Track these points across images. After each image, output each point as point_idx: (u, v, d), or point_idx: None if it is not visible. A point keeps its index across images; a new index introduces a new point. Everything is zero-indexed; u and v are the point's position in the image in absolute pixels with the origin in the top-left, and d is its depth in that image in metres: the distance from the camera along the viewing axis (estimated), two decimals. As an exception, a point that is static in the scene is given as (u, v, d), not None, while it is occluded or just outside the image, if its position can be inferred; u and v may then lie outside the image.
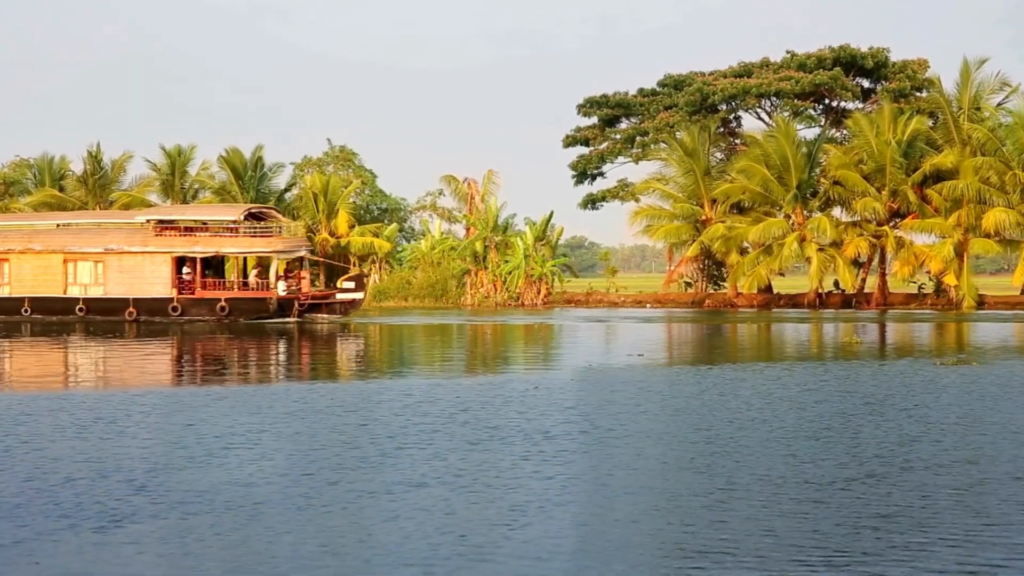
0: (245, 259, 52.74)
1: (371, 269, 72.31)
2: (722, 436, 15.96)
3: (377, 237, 72.64)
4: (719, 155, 71.10)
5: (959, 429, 16.62)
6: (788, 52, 70.46)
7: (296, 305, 50.12)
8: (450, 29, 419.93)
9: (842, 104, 69.72)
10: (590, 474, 13.40)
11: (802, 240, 60.99)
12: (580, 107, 74.27)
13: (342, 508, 11.53)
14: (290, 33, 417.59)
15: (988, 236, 58.06)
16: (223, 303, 49.61)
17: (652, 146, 70.91)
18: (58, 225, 54.02)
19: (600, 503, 11.83)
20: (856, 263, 63.24)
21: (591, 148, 74.69)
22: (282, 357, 33.21)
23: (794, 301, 64.73)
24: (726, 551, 9.88)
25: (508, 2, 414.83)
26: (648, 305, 66.54)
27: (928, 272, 61.05)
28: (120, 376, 27.50)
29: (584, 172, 75.07)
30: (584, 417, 18.00)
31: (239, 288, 51.43)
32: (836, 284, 63.69)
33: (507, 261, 68.99)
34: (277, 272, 50.89)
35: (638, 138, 72.34)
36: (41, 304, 50.39)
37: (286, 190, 75.51)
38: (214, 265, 52.15)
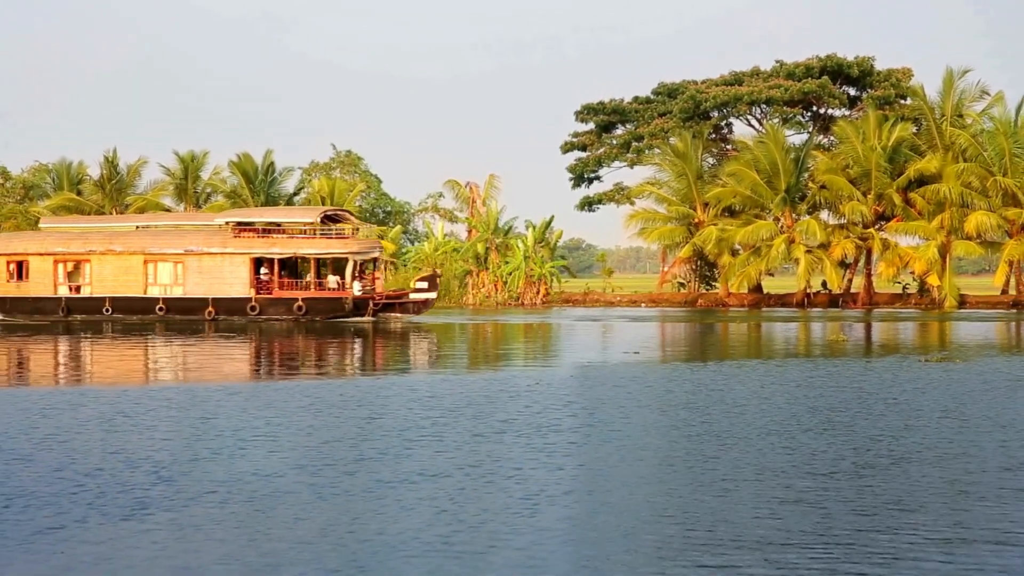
0: (318, 260, 51.92)
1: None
2: (719, 430, 16.06)
3: (382, 239, 72.77)
4: (711, 160, 71.27)
5: (950, 422, 16.72)
6: (777, 61, 70.69)
7: (371, 305, 49.70)
8: (452, 39, 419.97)
9: (829, 111, 69.92)
10: (594, 465, 13.51)
11: (791, 242, 61.16)
12: (578, 114, 74.44)
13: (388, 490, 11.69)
14: (298, 43, 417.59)
15: (970, 238, 58.27)
16: (300, 303, 49.19)
17: (647, 151, 71.04)
18: (137, 227, 53.61)
19: (603, 492, 11.95)
20: (843, 264, 63.41)
21: (588, 153, 74.86)
22: (356, 353, 33.32)
23: (783, 300, 64.92)
24: (725, 537, 10.01)
25: (509, 13, 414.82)
26: (643, 304, 66.62)
27: (912, 273, 61.24)
28: (217, 370, 27.76)
29: (581, 176, 75.25)
30: (584, 411, 18.11)
31: (316, 288, 50.75)
32: (823, 284, 63.81)
33: (507, 262, 69.10)
34: (353, 273, 50.27)
35: (633, 143, 72.46)
36: (122, 304, 49.99)
37: (295, 194, 75.61)
38: (289, 266, 51.54)
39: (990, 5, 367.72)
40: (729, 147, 71.55)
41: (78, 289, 51.20)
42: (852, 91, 70.23)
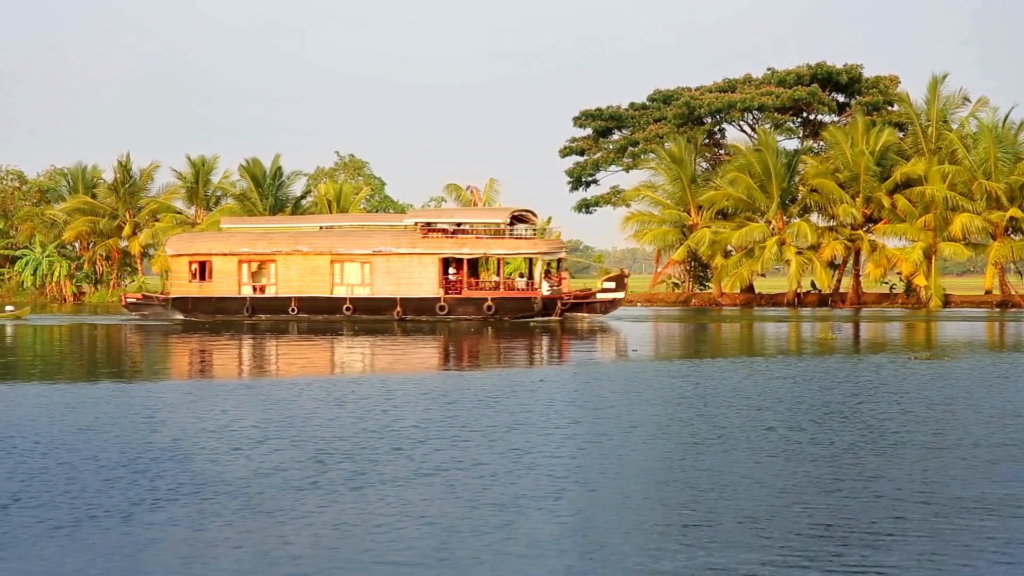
0: (500, 259, 51.32)
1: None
2: (720, 424, 15.99)
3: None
4: (704, 164, 71.36)
5: (949, 416, 16.67)
6: (769, 69, 70.74)
7: (559, 305, 48.49)
8: (454, 48, 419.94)
9: (819, 117, 69.99)
10: (600, 458, 13.45)
11: (782, 244, 61.17)
12: (576, 119, 74.50)
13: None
14: (305, 52, 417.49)
15: (955, 240, 58.29)
16: (489, 302, 48.13)
17: (642, 156, 71.16)
18: (321, 227, 52.63)
19: (608, 484, 11.89)
20: (832, 265, 63.45)
21: (586, 157, 74.92)
22: (545, 351, 33.36)
23: (774, 300, 64.91)
24: (727, 527, 9.96)
25: (509, 23, 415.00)
26: (639, 304, 66.58)
27: (899, 274, 61.27)
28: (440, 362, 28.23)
29: (579, 179, 75.35)
30: (587, 407, 18.04)
31: (505, 288, 49.85)
32: (813, 284, 63.77)
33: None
34: (541, 273, 49.35)
35: (629, 148, 72.56)
36: (308, 304, 48.86)
37: (302, 197, 75.58)
38: (471, 266, 50.46)
39: (974, 16, 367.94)
40: (722, 152, 71.57)
41: (263, 289, 49.96)
42: (841, 98, 70.34)
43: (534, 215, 54.38)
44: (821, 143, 67.91)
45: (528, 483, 11.94)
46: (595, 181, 75.71)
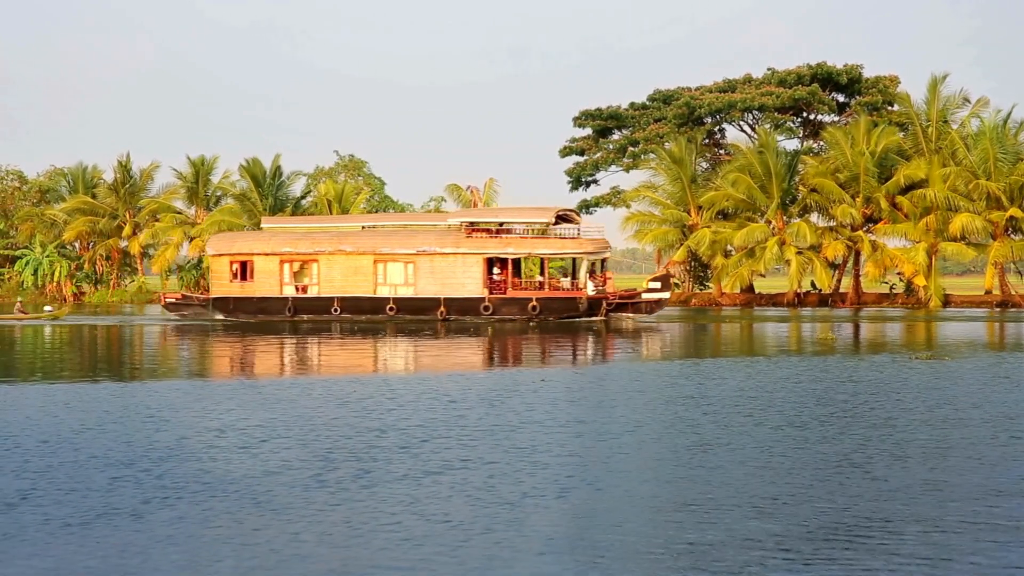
0: (542, 259, 50.66)
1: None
2: (721, 423, 16.05)
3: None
4: (704, 165, 71.33)
5: (950, 416, 16.73)
6: (769, 69, 70.74)
7: (604, 305, 48.02)
8: (454, 48, 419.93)
9: (819, 117, 70.01)
10: (604, 455, 13.51)
11: (782, 244, 61.20)
12: (576, 119, 74.48)
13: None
14: (304, 52, 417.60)
15: (955, 240, 58.37)
16: (534, 302, 47.72)
17: (642, 156, 71.12)
18: (363, 227, 52.17)
19: (612, 481, 11.95)
20: (832, 265, 63.49)
21: (586, 157, 74.88)
22: (590, 349, 33.60)
23: (774, 300, 64.95)
24: (728, 519, 10.02)
25: (509, 23, 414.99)
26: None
27: (900, 274, 61.34)
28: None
29: (579, 179, 75.33)
30: (589, 405, 18.12)
31: (550, 288, 49.33)
32: (813, 284, 63.81)
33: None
34: (586, 272, 48.80)
35: (629, 148, 72.53)
36: (351, 303, 48.48)
37: (302, 197, 75.60)
38: (515, 266, 49.91)
39: (974, 15, 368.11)
40: (722, 152, 71.59)
41: (305, 289, 49.57)
42: (841, 98, 70.35)
43: (577, 215, 54.01)
44: (821, 143, 67.94)
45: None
46: (595, 181, 75.74)
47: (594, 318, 47.79)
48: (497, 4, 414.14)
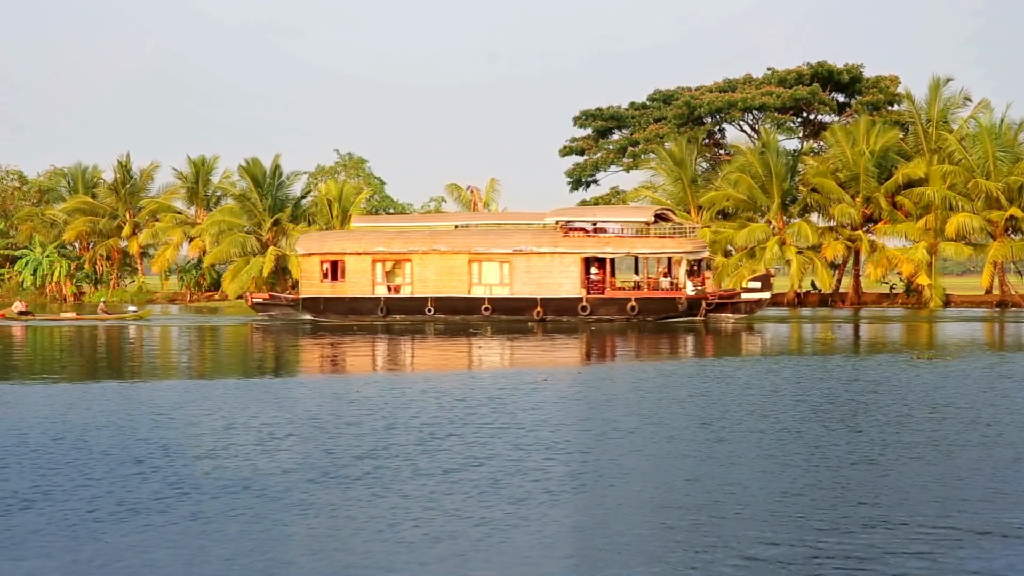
0: (636, 258, 49.93)
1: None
2: (724, 423, 16.08)
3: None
4: (704, 165, 71.37)
5: (953, 416, 16.77)
6: (769, 69, 70.78)
7: (703, 305, 47.17)
8: (455, 48, 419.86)
9: (819, 117, 70.06)
10: (608, 453, 13.56)
11: (782, 244, 61.25)
12: (576, 119, 74.53)
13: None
14: (304, 52, 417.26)
15: (953, 239, 58.43)
16: (633, 303, 46.94)
17: (643, 156, 71.18)
18: (456, 226, 51.44)
19: (615, 479, 12.00)
20: (832, 265, 63.53)
21: (586, 157, 74.93)
22: (690, 348, 33.78)
23: (774, 300, 64.75)
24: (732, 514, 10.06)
25: (509, 23, 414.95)
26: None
27: (900, 274, 61.39)
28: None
29: (579, 179, 75.38)
30: (592, 405, 18.17)
31: (649, 288, 48.44)
32: (813, 284, 63.85)
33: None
34: (685, 272, 48.05)
35: (630, 148, 72.59)
36: (445, 304, 47.78)
37: (302, 197, 75.65)
38: (611, 265, 48.88)
39: (974, 16, 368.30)
40: (722, 152, 71.63)
41: (397, 289, 49.03)
42: (841, 97, 70.40)
43: (675, 213, 53.36)
44: (821, 143, 68.00)
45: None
46: (595, 181, 75.80)
47: (693, 319, 46.92)
48: (497, 4, 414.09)
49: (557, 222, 49.36)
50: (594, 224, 49.83)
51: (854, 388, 20.77)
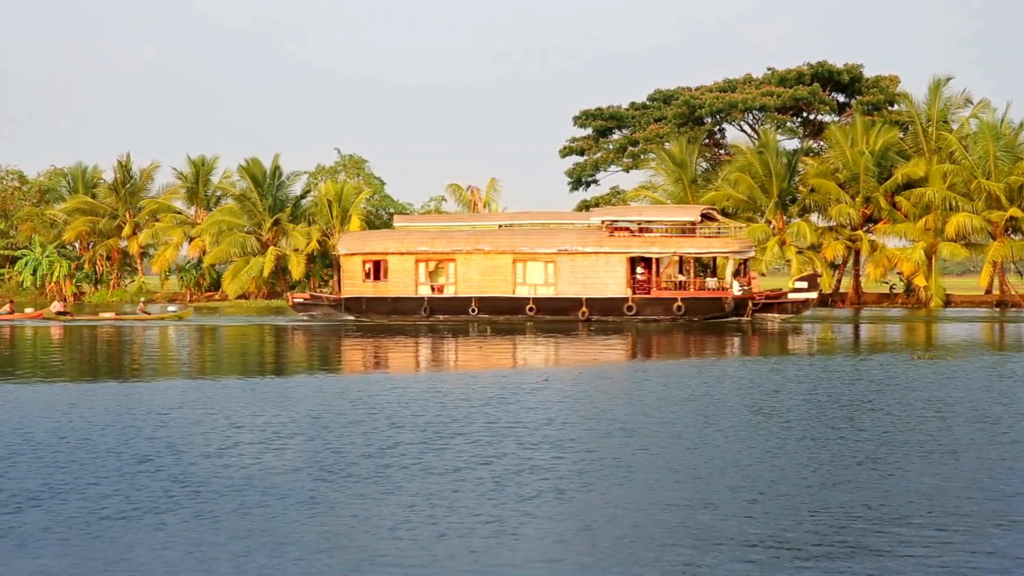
0: (681, 258, 48.97)
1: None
2: (723, 423, 16.19)
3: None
4: (704, 164, 71.46)
5: (954, 416, 16.87)
6: (769, 69, 70.81)
7: (750, 305, 46.87)
8: (454, 48, 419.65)
9: (819, 117, 70.15)
10: (609, 453, 13.67)
11: (782, 244, 61.37)
12: (576, 119, 74.58)
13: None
14: (304, 52, 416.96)
15: (953, 240, 58.54)
16: (679, 303, 46.66)
17: (643, 156, 71.27)
18: (500, 226, 50.78)
19: (615, 479, 12.11)
20: (832, 265, 63.63)
21: (586, 157, 74.99)
22: (741, 347, 33.88)
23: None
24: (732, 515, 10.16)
25: (509, 23, 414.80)
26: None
27: (900, 274, 61.50)
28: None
29: (579, 179, 75.44)
30: (592, 405, 18.26)
31: (695, 288, 48.09)
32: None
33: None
34: (732, 272, 47.82)
35: (630, 148, 72.66)
36: (489, 304, 47.54)
37: (302, 197, 75.75)
38: (657, 265, 48.54)
39: (975, 16, 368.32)
40: (722, 152, 71.72)
41: (441, 289, 48.74)
42: (841, 97, 70.48)
43: (720, 213, 52.99)
44: (821, 143, 68.09)
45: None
46: (595, 181, 75.85)
47: (740, 319, 46.70)
48: (497, 4, 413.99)
49: (603, 221, 49.04)
50: (639, 224, 49.53)
51: (856, 388, 20.88)
